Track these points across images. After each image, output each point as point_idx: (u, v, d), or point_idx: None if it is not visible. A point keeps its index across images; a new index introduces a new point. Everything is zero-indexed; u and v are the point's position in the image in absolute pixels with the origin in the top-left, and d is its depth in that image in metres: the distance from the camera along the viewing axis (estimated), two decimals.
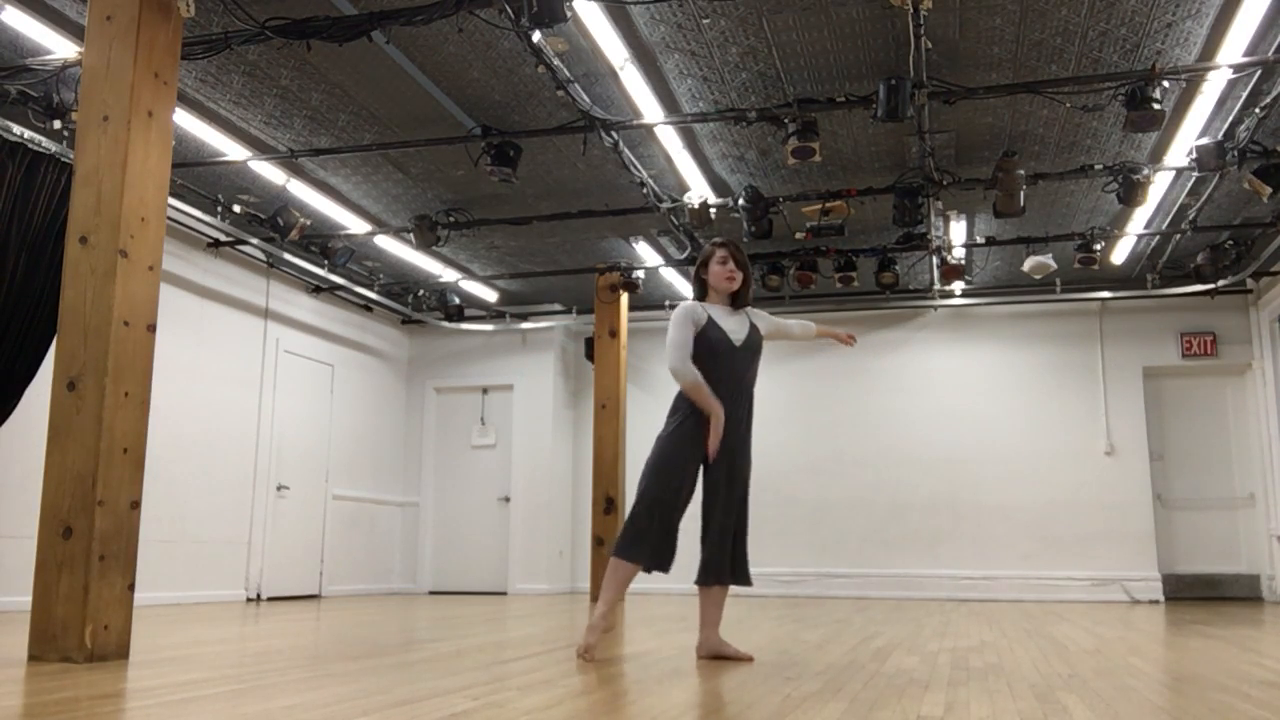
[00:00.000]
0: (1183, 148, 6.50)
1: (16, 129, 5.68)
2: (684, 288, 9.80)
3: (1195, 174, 6.64)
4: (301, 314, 9.49)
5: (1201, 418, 9.76)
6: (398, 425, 11.01)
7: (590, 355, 10.05)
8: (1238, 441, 9.60)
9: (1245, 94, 5.84)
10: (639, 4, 4.94)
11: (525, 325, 10.90)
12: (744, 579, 3.95)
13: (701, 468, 3.93)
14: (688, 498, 3.87)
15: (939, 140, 6.49)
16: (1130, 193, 6.68)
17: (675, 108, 6.11)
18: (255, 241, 8.20)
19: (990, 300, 10.09)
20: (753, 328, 4.05)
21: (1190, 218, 7.67)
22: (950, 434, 10.04)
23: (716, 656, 3.91)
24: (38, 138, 5.76)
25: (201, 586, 8.02)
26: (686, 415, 3.88)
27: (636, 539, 3.81)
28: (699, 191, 7.15)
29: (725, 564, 3.89)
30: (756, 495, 4.07)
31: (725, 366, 3.92)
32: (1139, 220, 7.97)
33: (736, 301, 4.09)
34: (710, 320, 3.95)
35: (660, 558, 3.83)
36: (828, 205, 7.32)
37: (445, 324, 10.52)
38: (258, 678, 3.26)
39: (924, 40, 4.97)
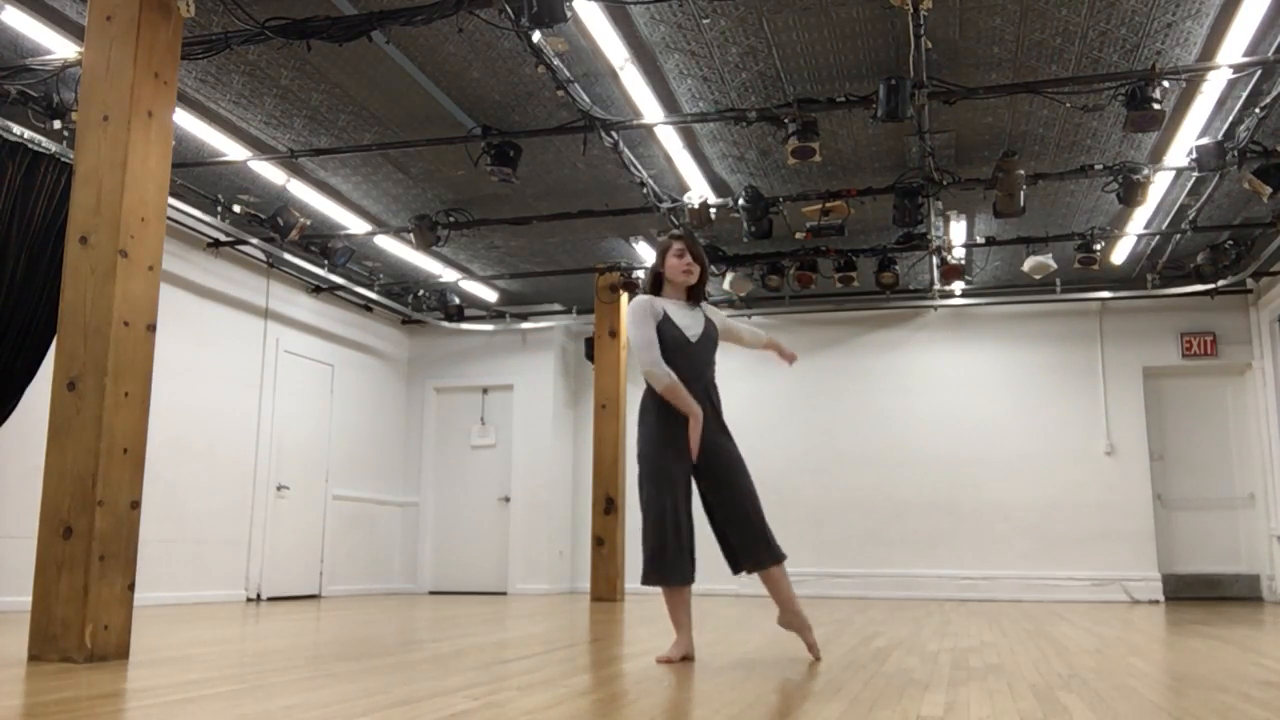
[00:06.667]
0: (1183, 148, 6.50)
1: (16, 129, 5.68)
2: None
3: (1195, 174, 6.64)
4: (301, 314, 9.49)
5: (1201, 418, 9.76)
6: (398, 425, 11.01)
7: (590, 355, 10.05)
8: (1238, 441, 9.60)
9: (1245, 94, 5.84)
10: (639, 4, 4.94)
11: (525, 325, 10.90)
12: (779, 555, 3.85)
13: (692, 469, 3.89)
14: (689, 500, 3.84)
15: (939, 140, 6.49)
16: (1130, 193, 6.68)
17: (675, 108, 6.11)
18: (255, 241, 8.20)
19: (990, 300, 10.09)
20: (708, 322, 4.01)
21: (1190, 218, 7.67)
22: (950, 434, 10.04)
23: (795, 631, 3.91)
24: (38, 138, 5.76)
25: (201, 586, 8.02)
26: (656, 419, 3.84)
27: (663, 560, 3.76)
28: (699, 191, 7.15)
29: (758, 547, 3.81)
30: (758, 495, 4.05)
31: (685, 363, 3.87)
32: (1139, 220, 7.97)
33: (692, 296, 4.03)
34: (666, 316, 3.89)
35: (689, 568, 3.81)
36: (828, 205, 7.32)
37: (445, 324, 10.52)
38: (258, 678, 3.26)
39: (924, 40, 4.97)
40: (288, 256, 8.64)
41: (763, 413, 10.34)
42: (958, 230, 8.20)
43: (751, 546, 3.83)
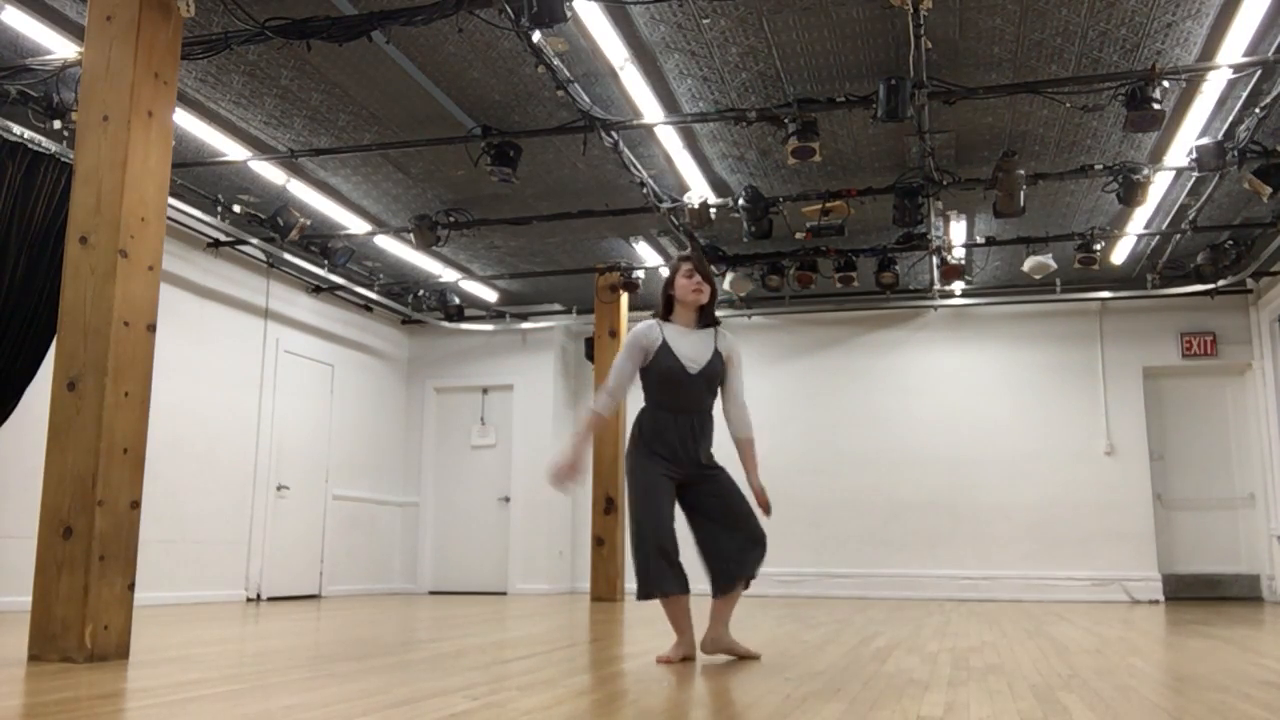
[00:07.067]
0: (1183, 148, 6.49)
1: (16, 129, 5.68)
2: None
3: (1195, 174, 6.64)
4: (301, 314, 9.48)
5: (1201, 418, 9.76)
6: (398, 425, 11.01)
7: (590, 355, 10.06)
8: (1238, 441, 9.60)
9: (1245, 94, 5.84)
10: (639, 4, 4.94)
11: (525, 325, 10.90)
12: (748, 580, 3.90)
13: (679, 496, 3.89)
14: (672, 514, 3.83)
15: (939, 140, 6.49)
16: (1130, 193, 6.68)
17: (675, 108, 6.11)
18: (255, 241, 8.20)
19: (990, 300, 10.09)
20: (716, 354, 3.93)
21: (1190, 218, 7.67)
22: (950, 434, 10.04)
23: (724, 652, 3.89)
24: (38, 138, 5.76)
25: (201, 586, 8.02)
26: (641, 435, 3.87)
27: (652, 575, 3.76)
28: (699, 191, 7.15)
29: (733, 571, 3.83)
30: None
31: (681, 394, 3.87)
32: (1139, 220, 7.97)
33: (703, 317, 4.00)
34: (664, 346, 3.86)
35: (680, 578, 3.82)
36: (828, 205, 7.32)
37: (445, 324, 10.52)
38: (258, 678, 3.26)
39: (924, 40, 4.97)
40: (288, 256, 8.64)
41: (762, 413, 10.28)
42: (958, 230, 8.19)
43: (723, 575, 3.83)
